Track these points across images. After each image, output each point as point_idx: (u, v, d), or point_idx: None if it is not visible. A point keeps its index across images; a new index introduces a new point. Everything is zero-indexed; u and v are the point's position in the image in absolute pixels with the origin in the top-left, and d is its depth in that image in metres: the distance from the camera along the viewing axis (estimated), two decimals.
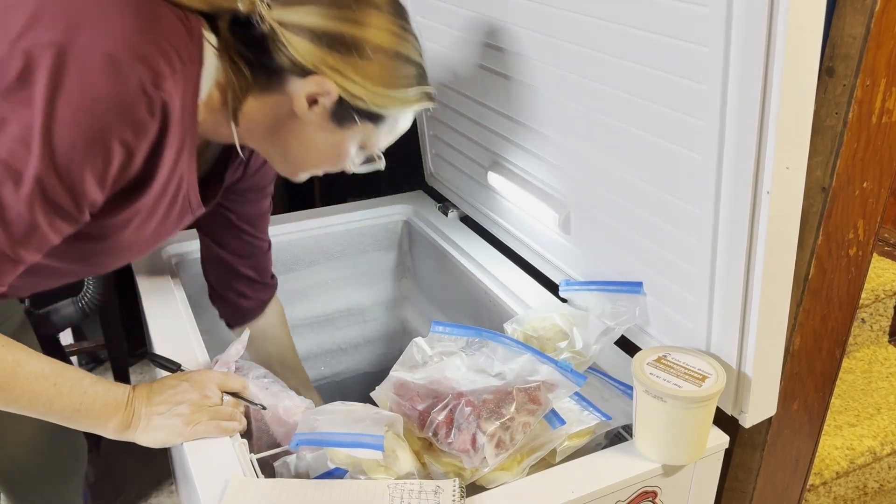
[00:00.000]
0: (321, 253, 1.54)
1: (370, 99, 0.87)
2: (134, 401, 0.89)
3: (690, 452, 0.89)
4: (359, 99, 0.86)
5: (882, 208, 0.98)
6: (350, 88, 0.85)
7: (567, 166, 1.11)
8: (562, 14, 0.97)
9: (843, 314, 1.04)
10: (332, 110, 0.87)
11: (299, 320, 1.57)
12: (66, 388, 0.83)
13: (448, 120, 1.41)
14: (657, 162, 0.91)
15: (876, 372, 1.78)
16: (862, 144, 0.90)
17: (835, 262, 0.98)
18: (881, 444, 1.56)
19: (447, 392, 0.90)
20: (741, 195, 0.80)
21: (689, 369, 0.88)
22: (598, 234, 1.09)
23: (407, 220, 1.59)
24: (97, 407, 0.86)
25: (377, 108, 0.88)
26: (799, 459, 1.16)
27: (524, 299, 1.24)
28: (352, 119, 0.88)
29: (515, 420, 0.87)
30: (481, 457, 0.85)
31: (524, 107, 1.15)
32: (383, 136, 0.94)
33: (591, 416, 0.94)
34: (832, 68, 0.87)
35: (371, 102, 0.87)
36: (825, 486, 1.52)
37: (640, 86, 0.89)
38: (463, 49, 1.24)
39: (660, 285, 1.00)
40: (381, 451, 0.84)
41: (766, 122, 0.74)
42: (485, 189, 1.37)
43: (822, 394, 1.11)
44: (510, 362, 0.94)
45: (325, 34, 0.82)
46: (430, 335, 1.00)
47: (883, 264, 1.83)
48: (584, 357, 1.02)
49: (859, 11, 0.83)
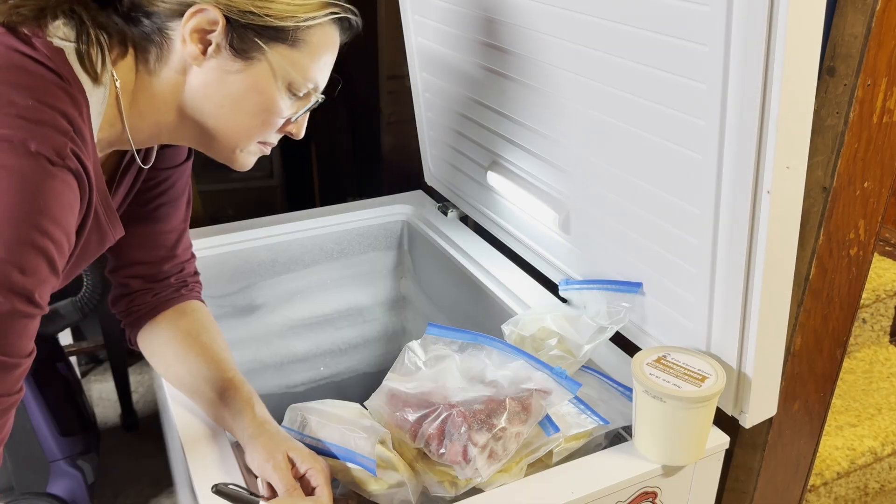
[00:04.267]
0: (321, 253, 1.53)
1: (262, 9, 0.75)
2: None
3: (690, 453, 0.89)
4: (249, 14, 0.75)
5: (883, 208, 0.98)
6: (234, 3, 0.74)
7: (567, 166, 1.11)
8: (562, 13, 0.97)
9: (844, 314, 1.04)
10: (229, 42, 0.76)
11: (298, 321, 1.57)
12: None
13: (448, 120, 1.41)
14: (657, 162, 0.91)
15: (877, 372, 1.78)
16: (863, 144, 0.90)
17: (836, 262, 0.98)
18: (882, 444, 1.56)
19: (439, 402, 0.89)
20: (741, 195, 0.79)
21: (688, 369, 0.88)
22: (597, 234, 1.09)
23: (407, 220, 1.58)
24: None
25: (275, 19, 0.76)
26: (800, 460, 1.16)
27: (524, 299, 1.24)
28: (255, 45, 0.76)
29: (507, 431, 0.86)
30: (473, 468, 0.84)
31: (524, 107, 1.15)
32: (307, 62, 0.80)
33: (589, 419, 0.94)
34: (833, 68, 0.87)
35: (264, 14, 0.75)
36: (826, 487, 1.52)
37: (640, 85, 0.89)
38: (463, 48, 1.24)
39: (660, 285, 0.99)
40: (374, 474, 0.84)
41: (766, 121, 0.74)
42: (484, 189, 1.37)
43: (822, 394, 1.10)
44: (504, 368, 0.94)
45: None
46: (424, 337, 0.99)
47: (884, 264, 1.83)
48: (576, 357, 1.02)
49: (860, 11, 0.82)
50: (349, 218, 1.54)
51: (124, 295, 1.03)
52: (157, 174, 0.98)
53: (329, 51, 0.83)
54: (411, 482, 0.88)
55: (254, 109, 0.80)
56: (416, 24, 1.38)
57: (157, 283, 1.02)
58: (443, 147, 1.49)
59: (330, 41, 0.82)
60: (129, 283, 1.02)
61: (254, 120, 0.81)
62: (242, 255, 1.43)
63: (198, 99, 0.79)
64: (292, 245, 1.50)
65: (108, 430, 2.00)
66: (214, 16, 0.74)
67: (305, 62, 0.80)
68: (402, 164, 1.70)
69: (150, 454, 1.80)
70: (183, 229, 1.05)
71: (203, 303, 1.06)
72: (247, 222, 1.45)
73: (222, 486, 0.82)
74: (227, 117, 0.80)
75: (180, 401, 0.98)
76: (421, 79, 1.45)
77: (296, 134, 0.88)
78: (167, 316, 1.01)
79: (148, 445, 1.91)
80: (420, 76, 1.45)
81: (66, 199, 0.68)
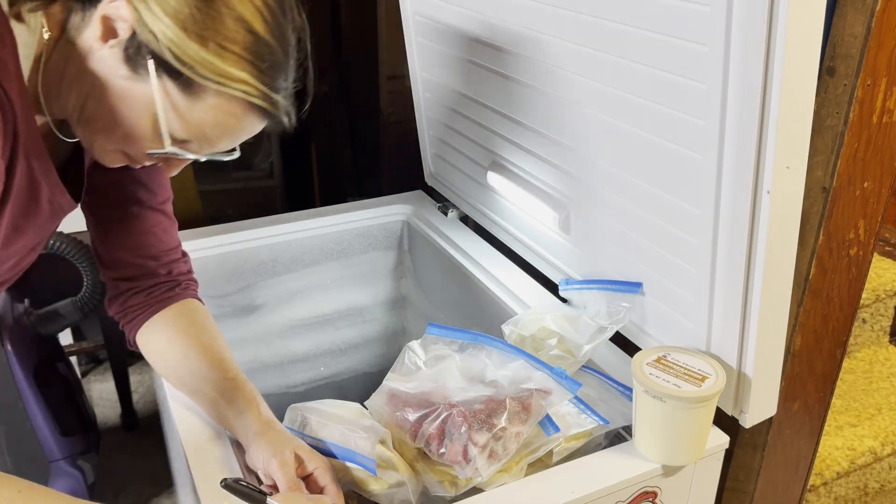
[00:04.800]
0: (321, 253, 1.53)
1: (165, 40, 0.68)
2: None
3: (690, 453, 0.89)
4: (150, 34, 0.68)
5: (883, 208, 0.98)
6: (146, 18, 0.68)
7: (567, 166, 1.11)
8: (562, 13, 0.97)
9: (844, 314, 1.04)
10: (126, 46, 0.70)
11: (298, 321, 1.57)
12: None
13: (448, 120, 1.41)
14: (657, 162, 0.91)
15: (877, 372, 1.78)
16: (863, 144, 0.90)
17: (835, 262, 0.98)
18: (882, 444, 1.56)
19: (439, 402, 0.89)
20: (741, 195, 0.80)
21: (688, 369, 0.88)
22: (598, 234, 1.09)
23: (407, 220, 1.59)
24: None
25: (173, 57, 0.69)
26: (800, 460, 1.16)
27: (524, 299, 1.24)
28: (145, 64, 0.70)
29: (507, 430, 0.86)
30: (473, 467, 0.84)
31: (524, 107, 1.15)
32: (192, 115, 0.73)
33: (589, 419, 0.94)
34: (833, 68, 0.87)
35: (165, 46, 0.69)
36: (826, 487, 1.52)
37: (640, 85, 0.89)
38: (463, 48, 1.24)
39: (660, 285, 1.00)
40: (374, 474, 0.84)
41: (766, 121, 0.74)
42: (485, 189, 1.37)
43: (822, 394, 1.11)
44: (504, 367, 0.94)
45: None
46: (424, 337, 0.99)
47: (884, 264, 1.83)
48: (576, 357, 1.02)
49: (860, 11, 0.82)
50: (349, 218, 1.54)
51: (116, 296, 1.02)
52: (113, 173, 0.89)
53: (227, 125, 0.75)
54: (411, 482, 0.88)
55: (120, 121, 0.74)
56: (416, 24, 1.38)
57: (147, 283, 1.01)
58: (443, 147, 1.49)
59: (232, 116, 0.74)
60: (118, 284, 1.01)
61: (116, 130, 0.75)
62: (242, 255, 1.43)
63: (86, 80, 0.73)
64: (292, 245, 1.50)
65: (108, 429, 2.00)
66: (126, 15, 0.69)
67: (190, 112, 0.73)
68: (402, 164, 1.70)
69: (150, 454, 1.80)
70: (164, 228, 1.02)
71: (200, 301, 1.05)
72: (247, 222, 1.45)
73: (231, 481, 0.81)
74: (96, 111, 0.75)
75: (181, 400, 0.98)
76: (421, 79, 1.45)
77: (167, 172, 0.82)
78: (164, 316, 1.00)
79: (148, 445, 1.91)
80: (420, 76, 1.45)
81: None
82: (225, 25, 0.69)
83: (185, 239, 1.34)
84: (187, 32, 0.68)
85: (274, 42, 0.73)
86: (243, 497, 0.80)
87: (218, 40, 0.69)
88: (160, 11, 0.68)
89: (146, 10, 0.68)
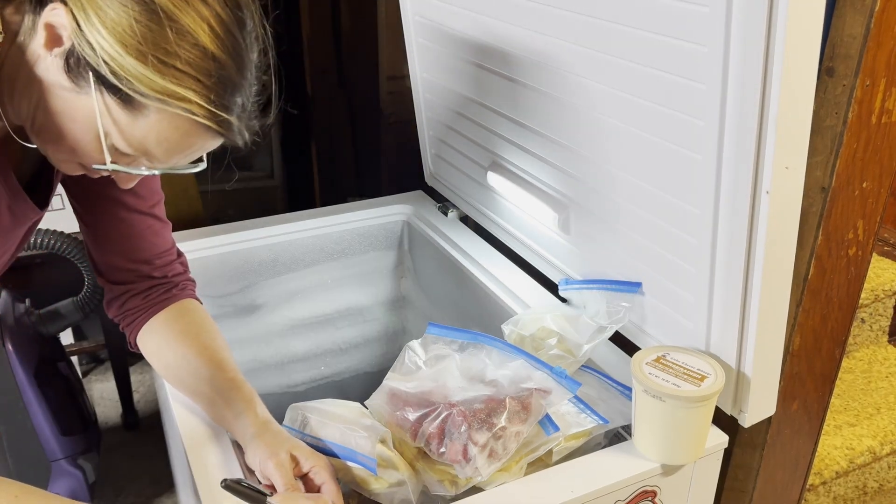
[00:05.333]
0: (321, 253, 1.54)
1: (104, 55, 0.65)
2: None
3: (690, 452, 0.89)
4: (88, 47, 0.65)
5: (882, 208, 0.98)
6: (84, 28, 0.65)
7: (567, 166, 1.11)
8: (562, 14, 0.98)
9: (843, 314, 1.04)
10: (67, 55, 0.67)
11: (299, 320, 1.57)
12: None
13: (448, 120, 1.41)
14: (657, 162, 0.91)
15: (875, 372, 1.78)
16: (862, 144, 0.90)
17: (834, 261, 0.98)
18: (881, 443, 1.56)
19: (439, 401, 0.90)
20: (741, 195, 0.80)
21: (688, 369, 0.88)
22: (597, 234, 1.10)
23: (407, 220, 1.59)
24: None
25: (109, 71, 0.66)
26: (798, 459, 1.16)
27: (524, 299, 1.24)
28: (86, 77, 0.67)
29: (507, 430, 0.87)
30: (473, 467, 0.85)
31: (524, 107, 1.15)
32: (134, 129, 0.70)
33: (589, 418, 0.94)
34: (832, 68, 0.87)
35: (104, 61, 0.65)
36: (825, 486, 1.52)
37: (639, 85, 0.89)
38: (463, 49, 1.25)
39: (659, 285, 1.00)
40: (375, 473, 0.84)
41: (765, 121, 0.74)
42: (485, 189, 1.37)
43: (821, 393, 1.11)
44: (504, 367, 0.94)
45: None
46: (424, 337, 1.00)
47: (882, 264, 1.83)
48: (576, 357, 1.02)
49: (859, 11, 0.83)
50: (349, 218, 1.54)
51: (113, 299, 1.02)
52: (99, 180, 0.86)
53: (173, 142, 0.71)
54: (412, 481, 0.88)
55: (65, 133, 0.72)
56: (416, 24, 1.38)
57: (143, 285, 1.01)
58: (443, 147, 1.50)
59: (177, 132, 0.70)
60: (113, 287, 1.01)
61: (63, 142, 0.73)
62: (243, 255, 1.43)
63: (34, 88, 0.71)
64: (293, 245, 1.50)
65: (109, 429, 2.01)
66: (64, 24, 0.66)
67: (132, 127, 0.70)
68: (402, 164, 1.71)
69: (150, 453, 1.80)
70: (155, 231, 1.00)
71: (198, 301, 1.05)
72: (247, 222, 1.45)
73: (231, 481, 0.81)
74: (44, 122, 0.72)
75: (181, 400, 0.98)
76: (421, 79, 1.45)
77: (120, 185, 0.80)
78: (163, 317, 1.00)
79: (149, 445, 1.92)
80: (420, 76, 1.45)
81: None
82: (167, 39, 0.65)
83: (187, 239, 1.35)
84: (126, 46, 0.65)
85: (225, 57, 0.68)
86: (243, 497, 0.81)
87: (159, 55, 0.65)
88: (98, 22, 0.64)
89: (84, 19, 0.65)
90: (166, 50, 0.65)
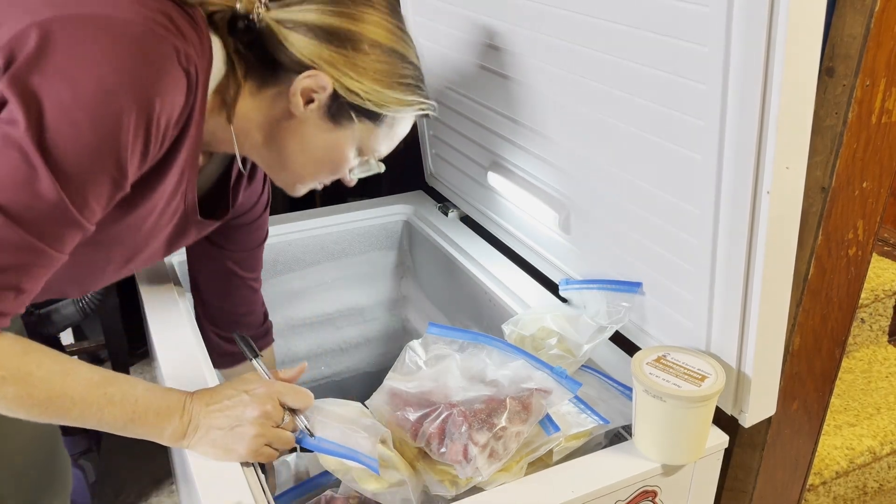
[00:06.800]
0: (321, 253, 1.54)
1: (366, 95, 0.86)
2: (191, 409, 0.84)
3: (690, 452, 0.89)
4: (354, 94, 0.85)
5: (882, 208, 0.98)
6: (346, 83, 0.85)
7: (567, 166, 1.11)
8: (562, 14, 0.98)
9: (843, 314, 1.04)
10: (328, 107, 0.86)
11: (299, 320, 1.57)
12: (117, 397, 0.79)
13: (448, 120, 1.41)
14: (657, 162, 0.91)
15: (875, 372, 1.78)
16: (861, 144, 0.90)
17: (834, 261, 0.98)
18: (881, 443, 1.56)
19: (440, 401, 0.90)
20: (741, 195, 0.80)
21: (688, 369, 0.88)
22: (598, 234, 1.10)
23: (407, 220, 1.59)
24: (150, 416, 0.82)
25: (373, 105, 0.87)
26: (799, 459, 1.16)
27: (524, 299, 1.24)
28: (348, 116, 0.88)
29: (508, 430, 0.87)
30: (474, 467, 0.85)
31: (524, 107, 1.15)
32: (382, 138, 0.93)
33: (589, 418, 0.94)
34: (832, 68, 0.87)
35: (367, 99, 0.86)
36: (825, 486, 1.52)
37: (640, 85, 0.89)
38: (463, 49, 1.25)
39: (660, 285, 1.00)
40: (376, 472, 0.85)
41: (766, 121, 0.74)
42: (485, 189, 1.37)
43: (821, 393, 1.11)
44: (504, 367, 0.94)
45: (321, 29, 0.83)
46: (425, 336, 1.00)
47: (882, 264, 1.83)
48: (576, 357, 1.02)
49: (859, 11, 0.83)
50: (350, 218, 1.54)
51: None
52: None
53: (403, 134, 0.96)
54: (412, 481, 0.88)
55: (326, 161, 0.92)
56: (416, 24, 1.38)
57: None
58: (443, 147, 1.50)
59: (408, 125, 0.96)
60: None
61: (323, 168, 0.93)
62: None
63: (284, 136, 0.89)
64: (293, 245, 1.50)
65: None
66: (326, 83, 0.84)
67: (381, 137, 0.93)
68: (402, 164, 1.70)
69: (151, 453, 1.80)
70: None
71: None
72: None
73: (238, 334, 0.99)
74: (301, 160, 0.91)
75: None
76: None
77: (347, 183, 0.99)
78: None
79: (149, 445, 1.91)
80: None
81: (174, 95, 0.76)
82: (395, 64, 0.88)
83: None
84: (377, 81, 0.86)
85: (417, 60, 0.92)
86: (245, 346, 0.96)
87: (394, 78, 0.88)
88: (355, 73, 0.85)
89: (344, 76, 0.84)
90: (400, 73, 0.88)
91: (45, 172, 0.68)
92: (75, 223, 0.73)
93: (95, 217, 0.75)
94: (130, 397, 0.80)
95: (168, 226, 0.93)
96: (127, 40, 0.71)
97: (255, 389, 0.86)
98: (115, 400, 0.79)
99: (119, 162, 0.73)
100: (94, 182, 0.72)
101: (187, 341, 1.09)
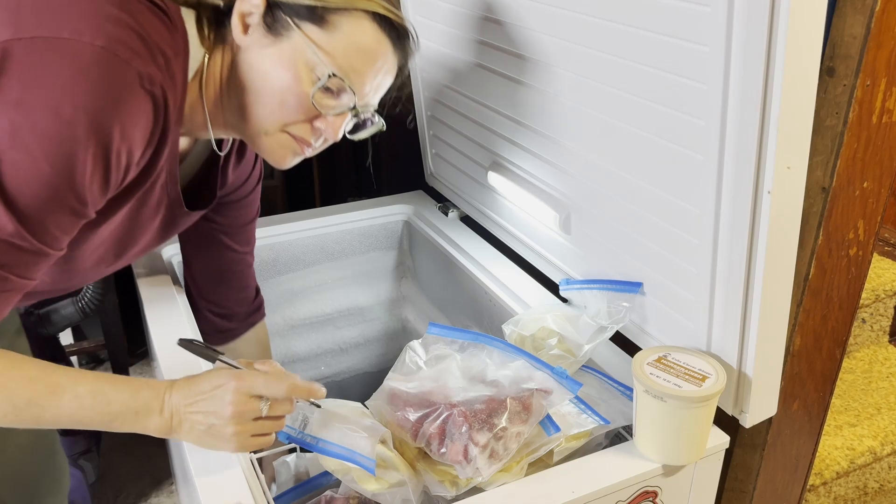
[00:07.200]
0: (321, 253, 1.54)
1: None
2: (171, 405, 0.81)
3: (691, 452, 0.89)
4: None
5: (882, 208, 0.98)
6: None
7: (567, 166, 1.11)
8: (562, 13, 0.97)
9: (844, 314, 1.04)
10: (266, 24, 0.81)
11: (299, 320, 1.57)
12: (87, 400, 0.76)
13: (448, 120, 1.41)
14: (658, 162, 0.91)
15: (876, 372, 1.78)
16: (862, 144, 0.90)
17: (835, 261, 0.98)
18: (881, 444, 1.56)
19: (440, 401, 0.90)
20: (742, 195, 0.80)
21: (689, 369, 0.88)
22: (598, 234, 1.09)
23: (407, 220, 1.59)
24: (129, 416, 0.78)
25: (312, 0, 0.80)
26: (799, 459, 1.16)
27: (524, 299, 1.24)
28: (286, 25, 0.80)
29: (508, 430, 0.87)
30: (474, 467, 0.85)
31: (524, 107, 1.15)
32: (337, 47, 0.82)
33: (590, 419, 0.94)
34: (832, 68, 0.87)
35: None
36: (825, 487, 1.52)
37: (640, 85, 0.89)
38: (463, 49, 1.25)
39: (660, 285, 1.00)
40: (373, 474, 0.84)
41: (766, 121, 0.74)
42: (485, 189, 1.37)
43: (822, 394, 1.11)
44: (505, 367, 0.94)
45: None
46: (425, 337, 1.00)
47: (883, 264, 1.83)
48: (577, 357, 1.02)
49: (859, 11, 0.83)
50: (350, 218, 1.54)
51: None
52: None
53: (364, 46, 0.84)
54: (412, 482, 0.88)
55: (277, 86, 0.82)
56: (416, 24, 1.38)
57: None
58: (443, 147, 1.50)
59: (366, 34, 0.83)
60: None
61: (276, 98, 0.83)
62: None
63: (239, 78, 0.83)
64: (293, 245, 1.50)
65: None
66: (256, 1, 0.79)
67: (332, 47, 0.82)
68: (402, 164, 1.70)
69: (150, 453, 1.80)
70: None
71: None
72: None
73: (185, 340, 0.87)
74: (255, 93, 0.83)
75: None
76: (421, 79, 1.45)
77: (329, 135, 0.88)
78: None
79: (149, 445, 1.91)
80: (420, 76, 1.45)
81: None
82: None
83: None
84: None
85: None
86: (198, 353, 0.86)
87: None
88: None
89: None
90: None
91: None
92: (38, 252, 0.71)
93: (62, 242, 0.73)
94: (101, 400, 0.77)
95: (155, 218, 0.92)
96: (86, 67, 0.68)
97: (225, 385, 0.81)
98: (84, 404, 0.76)
99: (77, 194, 0.71)
100: (52, 212, 0.70)
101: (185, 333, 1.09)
